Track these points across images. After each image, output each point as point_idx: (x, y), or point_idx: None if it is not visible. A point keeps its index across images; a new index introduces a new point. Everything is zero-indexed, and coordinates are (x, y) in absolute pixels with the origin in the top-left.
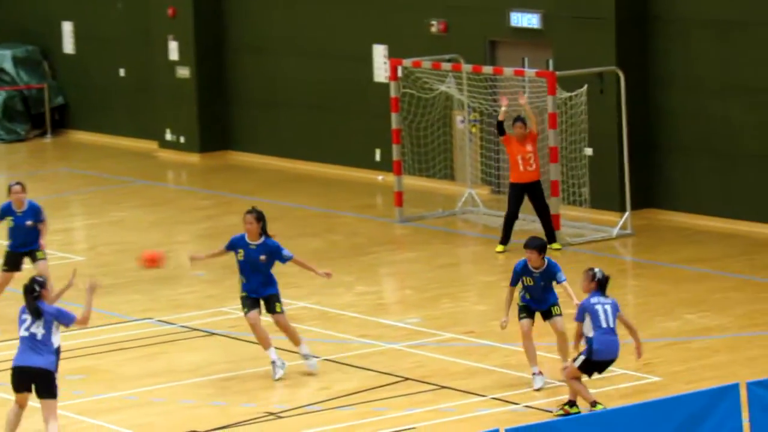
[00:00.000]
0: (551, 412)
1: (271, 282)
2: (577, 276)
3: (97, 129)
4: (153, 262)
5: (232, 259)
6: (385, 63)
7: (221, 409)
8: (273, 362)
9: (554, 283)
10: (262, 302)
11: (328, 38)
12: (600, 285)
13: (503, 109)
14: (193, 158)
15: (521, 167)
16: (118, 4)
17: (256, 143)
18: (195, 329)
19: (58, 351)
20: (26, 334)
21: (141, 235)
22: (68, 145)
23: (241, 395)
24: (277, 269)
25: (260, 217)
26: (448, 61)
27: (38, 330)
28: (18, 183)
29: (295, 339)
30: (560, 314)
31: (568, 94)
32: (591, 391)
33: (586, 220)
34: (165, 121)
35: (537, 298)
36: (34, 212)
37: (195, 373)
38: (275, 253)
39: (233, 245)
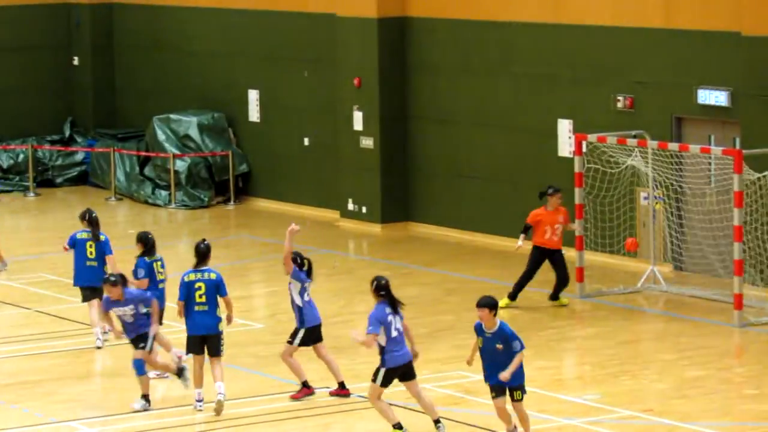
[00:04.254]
0: None
1: None
2: None
3: (280, 197)
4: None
5: None
6: (570, 138)
7: None
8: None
9: None
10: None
11: (513, 112)
12: None
13: None
14: (375, 229)
15: None
16: (304, 73)
17: (436, 215)
18: None
19: None
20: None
21: (320, 305)
22: (250, 213)
23: None
24: None
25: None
26: (634, 137)
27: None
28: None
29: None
30: None
31: (758, 175)
32: None
33: None
34: (347, 191)
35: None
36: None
37: None
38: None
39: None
